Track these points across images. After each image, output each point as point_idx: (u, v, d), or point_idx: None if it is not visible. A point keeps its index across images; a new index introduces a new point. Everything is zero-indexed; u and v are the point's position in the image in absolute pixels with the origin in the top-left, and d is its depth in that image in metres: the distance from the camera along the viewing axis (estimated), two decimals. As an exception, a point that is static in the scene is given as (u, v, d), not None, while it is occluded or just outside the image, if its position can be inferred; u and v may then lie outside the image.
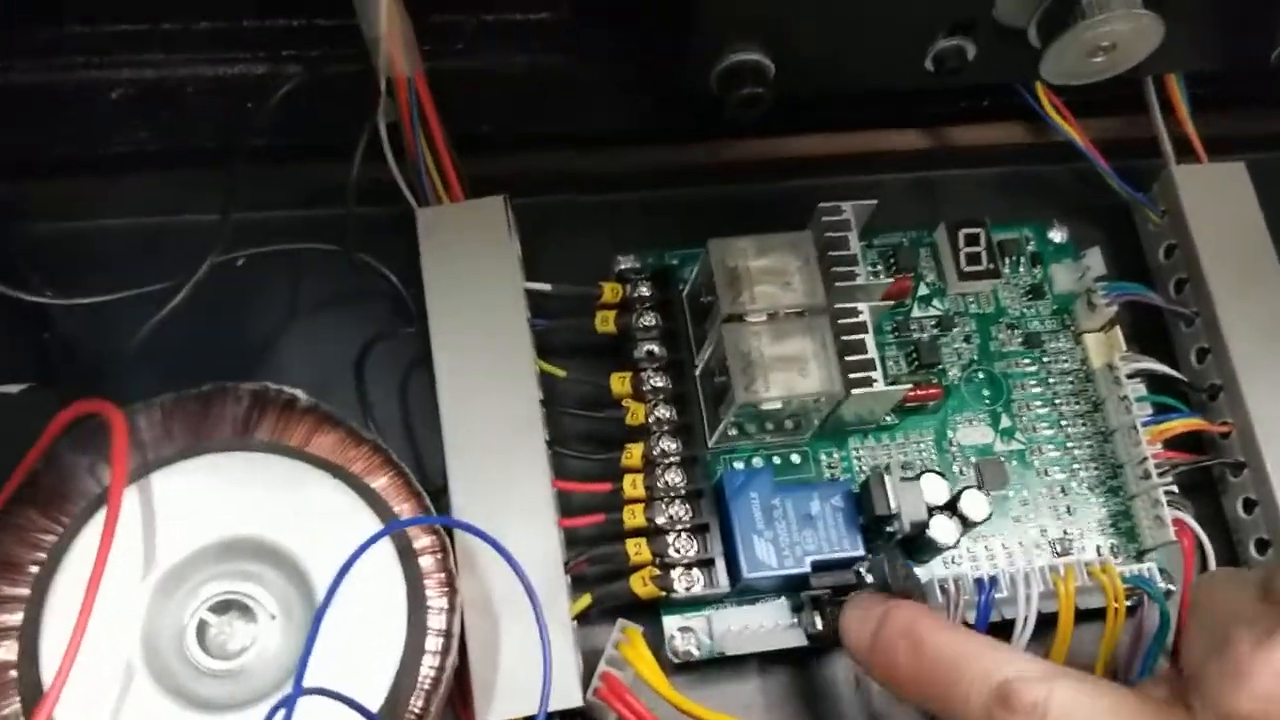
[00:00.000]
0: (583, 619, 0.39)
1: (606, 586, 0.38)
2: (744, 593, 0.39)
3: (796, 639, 0.38)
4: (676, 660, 0.39)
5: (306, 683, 0.30)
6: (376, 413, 0.40)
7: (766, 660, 0.40)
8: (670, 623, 0.39)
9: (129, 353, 0.37)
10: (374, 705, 0.31)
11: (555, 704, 0.35)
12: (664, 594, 0.38)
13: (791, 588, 0.39)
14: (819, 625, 0.38)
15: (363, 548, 0.29)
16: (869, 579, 0.37)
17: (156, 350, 0.38)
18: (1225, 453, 0.43)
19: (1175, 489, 0.41)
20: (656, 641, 0.39)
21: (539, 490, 0.38)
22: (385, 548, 0.32)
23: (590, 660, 0.37)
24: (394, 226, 0.41)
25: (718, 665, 0.39)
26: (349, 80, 0.40)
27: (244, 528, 0.32)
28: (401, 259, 0.41)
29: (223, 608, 0.32)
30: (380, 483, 0.33)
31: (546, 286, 0.41)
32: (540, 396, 0.39)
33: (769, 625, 0.39)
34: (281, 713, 0.26)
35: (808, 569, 0.37)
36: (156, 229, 0.42)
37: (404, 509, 0.33)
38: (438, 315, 0.39)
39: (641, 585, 0.38)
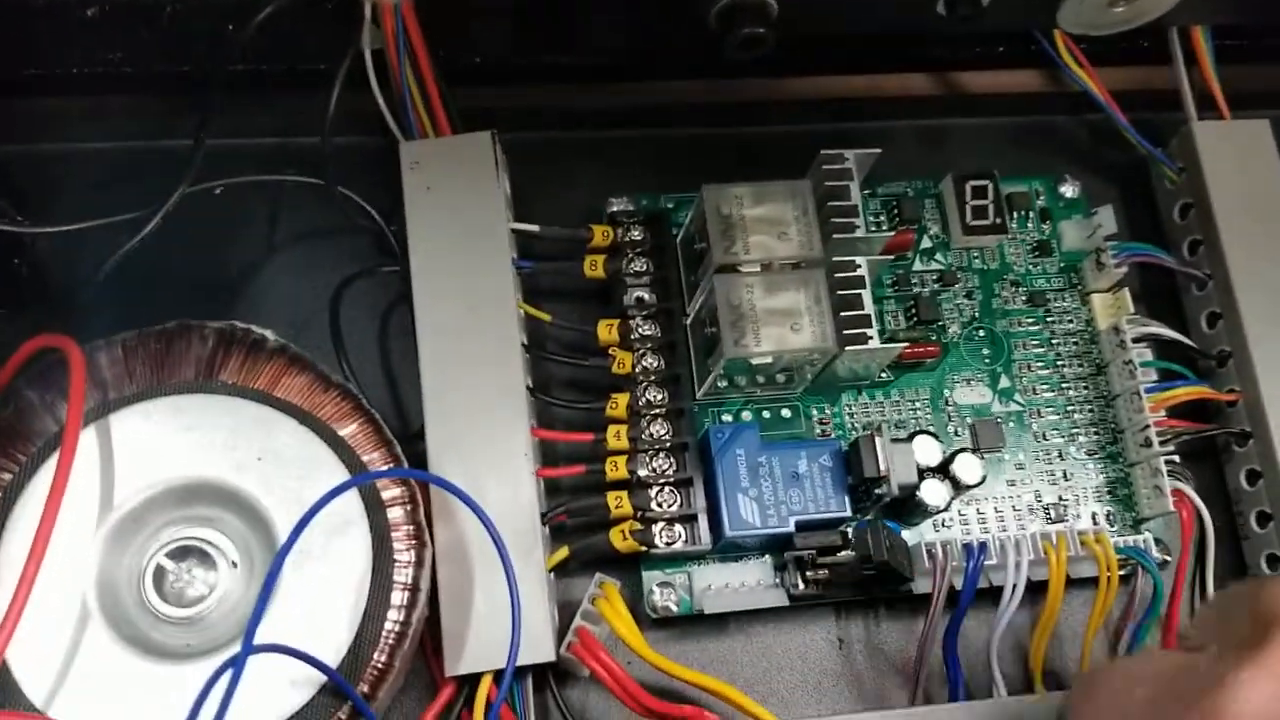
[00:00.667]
0: (561, 571, 0.38)
1: (585, 539, 0.37)
2: (726, 550, 0.38)
3: (778, 599, 0.38)
4: (655, 616, 0.38)
5: (265, 634, 0.30)
6: (353, 354, 0.39)
7: (746, 619, 0.39)
8: (650, 578, 0.38)
9: (99, 282, 0.36)
10: (334, 658, 0.30)
11: (528, 658, 0.34)
12: (644, 549, 0.37)
13: (775, 547, 0.38)
14: (801, 585, 0.37)
15: (324, 500, 0.28)
16: (851, 554, 0.36)
17: (128, 280, 0.37)
18: (1231, 422, 0.41)
19: (1176, 458, 0.40)
20: (635, 596, 0.38)
21: (518, 439, 0.36)
22: (351, 498, 0.31)
23: (567, 614, 0.36)
24: (377, 159, 0.39)
25: (696, 622, 0.39)
26: (333, 5, 0.39)
27: (205, 472, 0.31)
28: (384, 193, 0.39)
29: (181, 554, 0.31)
30: (349, 430, 0.32)
31: (534, 228, 0.40)
32: (523, 341, 0.38)
33: (750, 584, 0.38)
34: (229, 672, 0.25)
35: (792, 529, 0.36)
36: (130, 154, 0.41)
37: (373, 458, 0.32)
38: (420, 254, 0.38)
39: (621, 539, 0.37)
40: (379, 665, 0.31)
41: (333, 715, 0.30)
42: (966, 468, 0.37)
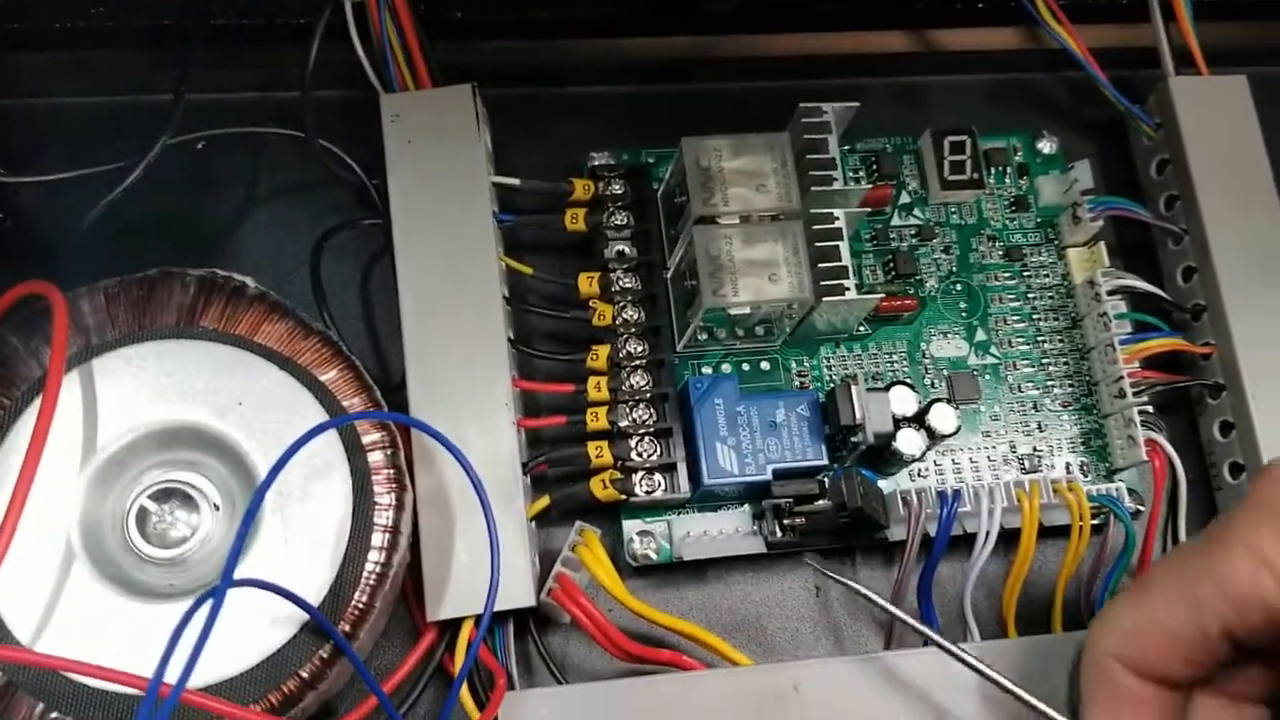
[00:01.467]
0: (543, 521, 0.38)
1: (566, 489, 0.38)
2: (705, 499, 0.38)
3: (756, 546, 0.38)
4: (635, 564, 0.38)
5: (245, 573, 0.30)
6: (335, 305, 0.39)
7: (725, 566, 0.39)
8: (629, 526, 0.38)
9: (82, 233, 0.36)
10: (315, 597, 0.30)
11: (507, 603, 0.35)
12: (624, 498, 0.37)
13: (753, 495, 0.38)
14: (779, 533, 0.38)
15: (304, 438, 0.29)
16: (827, 503, 0.36)
17: (110, 232, 0.37)
18: (1205, 374, 0.42)
19: (1150, 409, 0.40)
20: (615, 545, 0.38)
21: (499, 389, 0.37)
22: (332, 441, 0.32)
23: (549, 562, 0.37)
24: (359, 112, 0.39)
25: (676, 570, 0.39)
26: (314, -43, 0.39)
27: (187, 416, 0.32)
28: (366, 146, 0.39)
29: (164, 496, 0.32)
30: (329, 375, 0.33)
31: (515, 181, 0.40)
32: (505, 294, 0.38)
33: (729, 532, 0.38)
34: (209, 603, 0.26)
35: (769, 476, 0.37)
36: (113, 108, 0.41)
37: (353, 403, 0.33)
38: (401, 206, 0.38)
39: (601, 488, 0.37)
40: (360, 605, 0.31)
41: (314, 654, 0.30)
42: (942, 417, 0.38)
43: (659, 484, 0.37)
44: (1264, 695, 0.29)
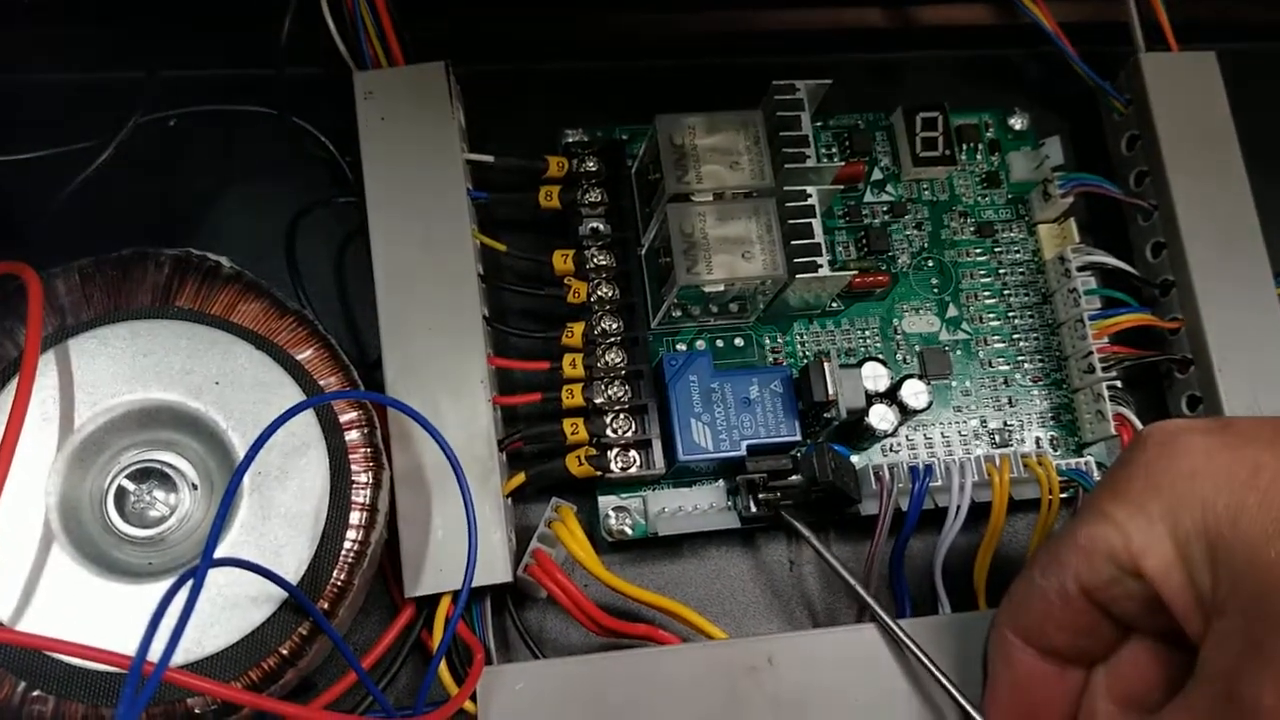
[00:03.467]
0: (520, 498, 0.39)
1: (542, 465, 0.38)
2: (679, 475, 0.39)
3: (730, 521, 0.38)
4: (611, 540, 0.39)
5: (225, 552, 0.30)
6: (310, 284, 0.39)
7: (700, 541, 0.40)
8: (605, 502, 0.39)
9: (55, 212, 0.36)
10: (294, 575, 0.30)
11: (484, 579, 0.35)
12: (599, 474, 0.37)
13: (727, 471, 0.39)
14: (753, 508, 0.38)
15: (282, 418, 0.29)
16: (797, 479, 0.37)
17: (84, 211, 0.37)
18: (1173, 349, 0.42)
19: (1119, 384, 0.41)
20: (591, 521, 0.39)
21: (475, 367, 0.37)
22: (309, 420, 0.32)
23: (525, 538, 0.37)
24: (333, 89, 0.39)
25: (651, 546, 0.39)
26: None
27: (164, 396, 0.32)
28: (340, 124, 0.39)
29: (142, 475, 0.32)
30: (305, 354, 0.33)
31: (489, 158, 0.40)
32: (479, 271, 0.38)
33: (703, 507, 0.39)
34: (190, 583, 0.26)
35: (743, 452, 0.37)
36: (84, 85, 0.40)
37: (330, 382, 0.33)
38: (375, 184, 0.38)
39: (577, 465, 0.37)
40: (338, 583, 0.31)
41: (294, 631, 0.30)
42: (913, 393, 0.38)
43: (634, 460, 0.37)
44: (1157, 680, 0.30)
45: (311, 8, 0.38)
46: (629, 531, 0.38)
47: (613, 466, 0.37)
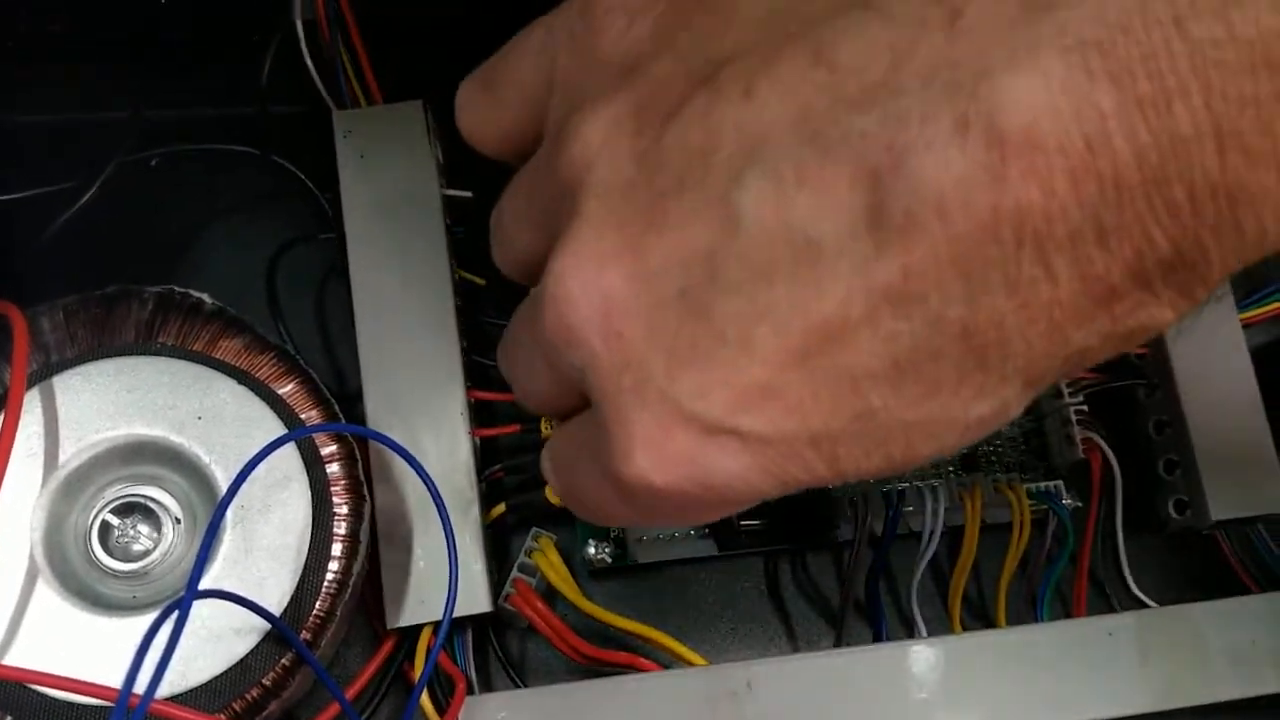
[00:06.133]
0: (501, 529, 0.39)
1: (522, 496, 0.39)
2: (658, 503, 0.39)
3: (708, 549, 0.39)
4: (590, 568, 0.39)
5: (207, 585, 0.31)
6: (291, 320, 0.40)
7: (679, 570, 0.40)
8: (584, 531, 0.39)
9: (37, 251, 0.37)
10: (276, 607, 0.31)
11: (466, 609, 0.35)
12: (578, 503, 0.38)
13: (705, 500, 0.39)
14: (731, 535, 0.39)
15: (264, 452, 0.29)
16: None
17: (66, 251, 0.38)
18: (1139, 375, 0.43)
19: (1085, 408, 0.41)
20: (571, 550, 0.39)
21: (454, 400, 0.38)
22: (290, 454, 0.32)
23: (506, 568, 0.38)
24: (313, 128, 0.40)
25: (631, 573, 0.40)
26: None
27: (147, 431, 0.32)
28: (320, 161, 0.40)
29: (126, 510, 0.32)
30: (287, 389, 0.33)
31: (468, 194, 0.40)
32: (458, 305, 0.39)
33: (681, 535, 0.39)
34: (174, 615, 0.26)
35: (721, 481, 0.38)
36: (66, 126, 0.41)
37: (311, 415, 0.33)
38: (354, 221, 0.39)
39: (556, 495, 0.38)
40: (321, 614, 0.32)
41: (277, 662, 0.31)
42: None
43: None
44: None
45: (291, 49, 0.39)
46: (608, 560, 0.39)
47: (592, 497, 0.38)
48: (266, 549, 0.31)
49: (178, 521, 0.32)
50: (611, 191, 0.22)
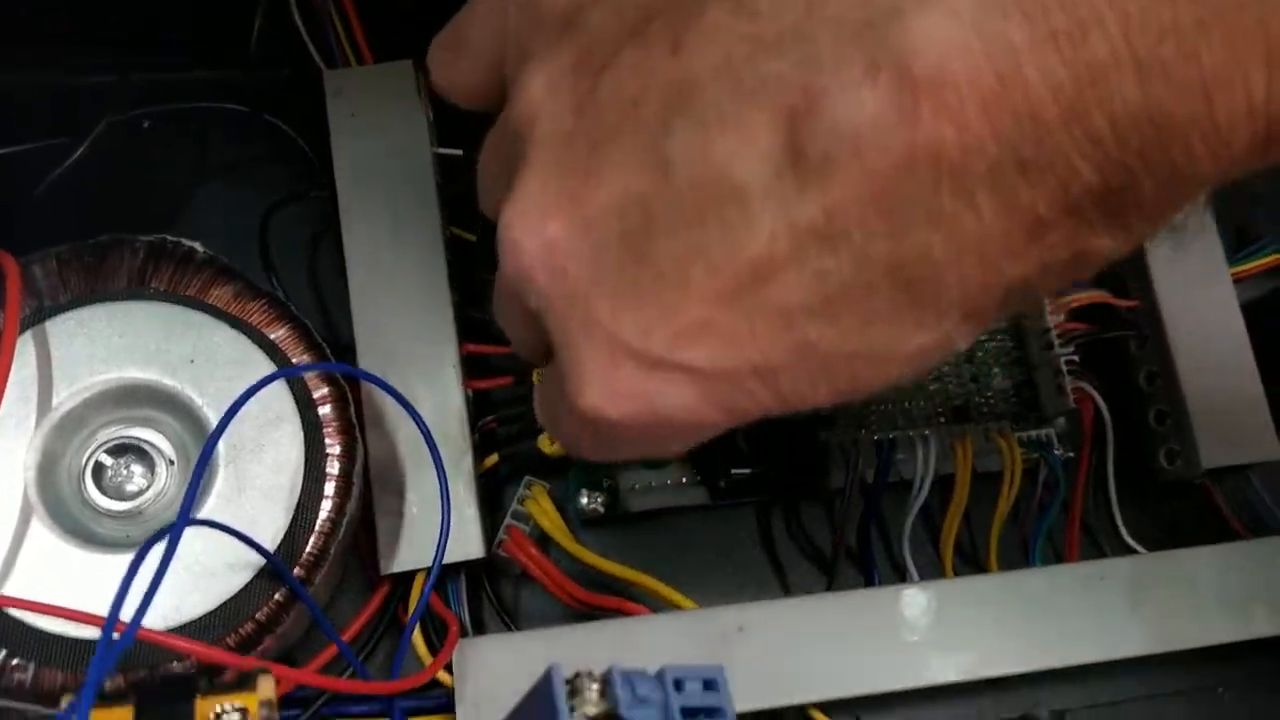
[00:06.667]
0: (495, 480, 0.39)
1: (515, 447, 0.39)
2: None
3: (700, 497, 0.39)
4: (583, 517, 0.39)
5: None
6: (284, 277, 0.40)
7: (672, 519, 0.40)
8: (577, 481, 0.39)
9: (29, 207, 0.37)
10: (269, 545, 0.31)
11: (459, 555, 0.36)
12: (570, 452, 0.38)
13: (697, 448, 0.39)
14: (723, 484, 0.39)
15: (257, 386, 0.30)
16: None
17: (58, 210, 0.38)
18: (1130, 328, 0.43)
19: (1076, 359, 0.42)
20: (564, 501, 0.39)
21: (446, 351, 0.38)
22: (283, 395, 0.33)
23: (500, 519, 0.38)
24: (304, 87, 0.40)
25: (624, 524, 0.40)
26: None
27: (140, 374, 0.32)
28: (311, 123, 0.40)
29: (119, 451, 0.33)
30: (279, 334, 0.34)
31: (458, 152, 0.41)
32: (449, 260, 0.39)
33: (674, 483, 0.40)
34: (165, 540, 0.27)
35: (711, 429, 0.38)
36: (55, 89, 0.41)
37: (303, 359, 0.34)
38: (346, 178, 0.39)
39: (548, 444, 0.38)
40: (314, 552, 0.32)
41: (270, 598, 0.31)
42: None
43: (605, 439, 0.38)
44: None
45: (281, 11, 0.39)
46: (601, 509, 0.39)
47: (584, 446, 0.38)
48: (259, 488, 0.32)
49: (171, 463, 0.33)
50: (554, 142, 0.23)
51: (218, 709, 0.23)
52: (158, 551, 0.28)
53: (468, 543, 0.36)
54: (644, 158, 0.22)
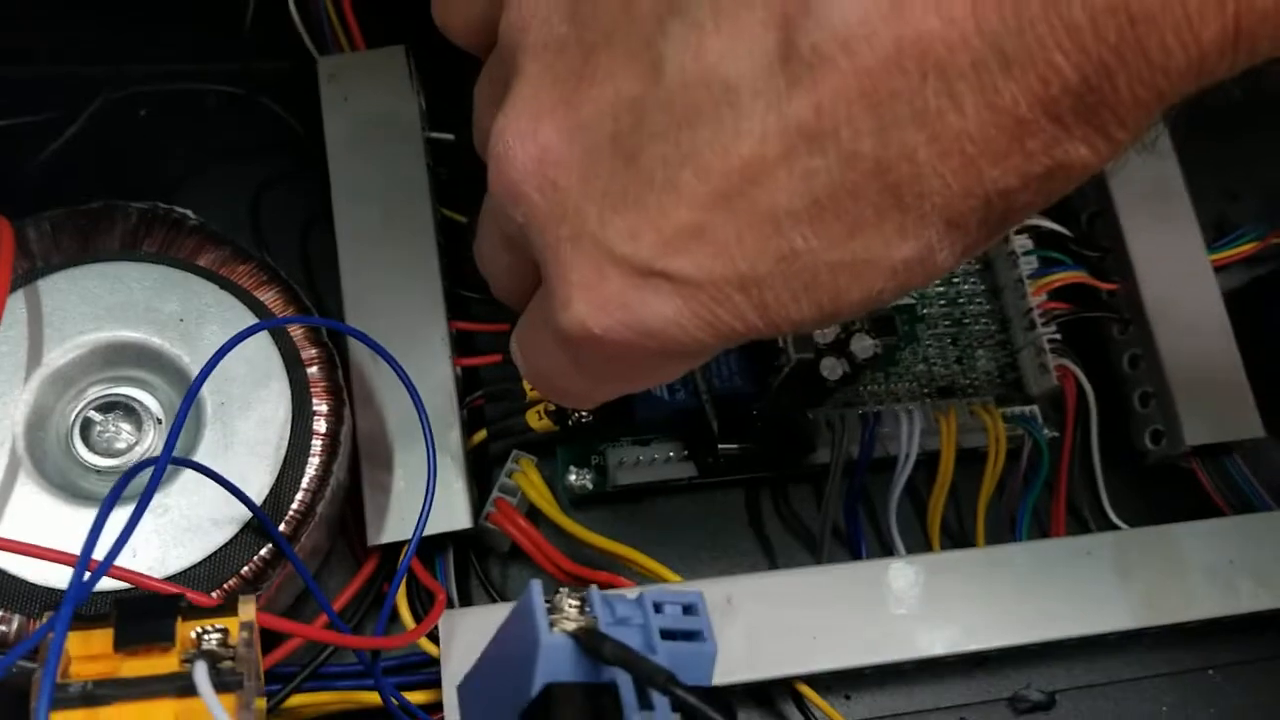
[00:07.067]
0: (483, 457, 0.40)
1: (503, 423, 0.39)
2: (638, 429, 0.40)
3: (689, 470, 0.39)
4: (571, 493, 0.39)
5: (187, 478, 0.31)
6: (276, 258, 0.40)
7: (660, 493, 0.41)
8: (565, 458, 0.40)
9: (24, 183, 0.38)
10: (255, 500, 0.31)
11: (446, 525, 0.36)
12: (558, 428, 0.38)
13: (685, 424, 0.40)
14: (711, 460, 0.39)
15: (243, 334, 0.30)
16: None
17: (52, 187, 0.38)
18: (1113, 310, 0.44)
19: (1058, 336, 0.42)
20: (553, 476, 0.40)
21: (436, 329, 0.38)
22: (270, 353, 0.33)
23: (488, 494, 0.38)
24: (297, 72, 0.41)
25: (612, 498, 0.40)
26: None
27: (130, 333, 0.33)
28: (304, 105, 0.41)
29: (107, 408, 0.33)
30: (268, 295, 0.34)
31: (449, 136, 0.42)
32: (440, 242, 0.40)
33: (662, 459, 0.40)
34: (149, 470, 0.27)
35: (701, 405, 0.38)
36: (53, 69, 0.42)
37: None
38: (338, 160, 0.40)
39: (537, 419, 0.38)
40: (300, 510, 0.32)
41: (256, 554, 0.31)
42: (861, 345, 0.39)
43: (593, 414, 0.39)
44: None
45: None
46: (589, 485, 0.39)
47: (571, 420, 0.38)
48: (246, 443, 0.32)
49: (158, 421, 0.33)
50: (547, 49, 0.23)
51: (198, 629, 0.23)
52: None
53: (455, 513, 0.36)
54: (637, 59, 0.22)
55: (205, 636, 0.23)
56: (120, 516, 0.28)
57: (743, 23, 0.21)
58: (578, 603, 0.23)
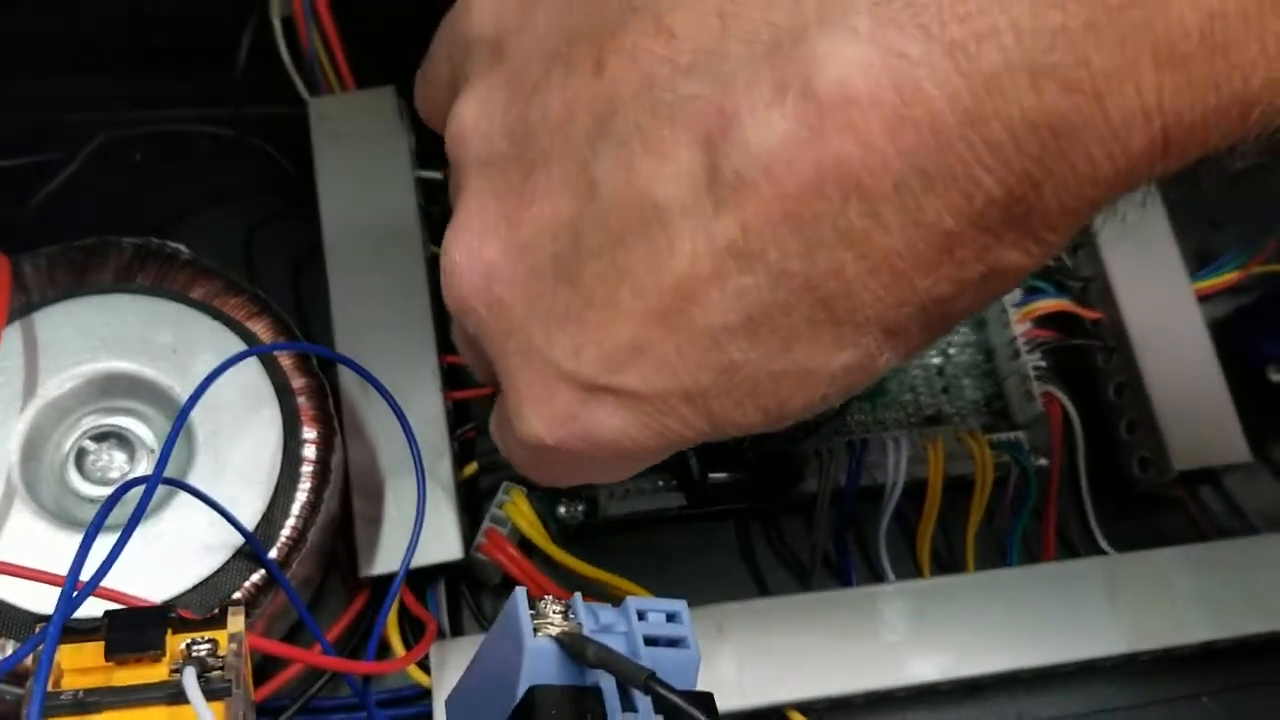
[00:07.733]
0: (474, 490, 0.40)
1: (494, 456, 0.39)
2: (627, 461, 0.40)
3: (678, 500, 0.40)
4: (562, 525, 0.40)
5: (179, 505, 0.32)
6: (268, 295, 0.41)
7: (650, 526, 0.41)
8: (554, 491, 0.40)
9: (20, 223, 0.38)
10: (247, 524, 0.32)
11: (436, 556, 0.36)
12: (548, 460, 0.39)
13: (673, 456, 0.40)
14: (701, 492, 0.39)
15: (233, 360, 0.30)
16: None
17: (48, 227, 0.39)
18: (1097, 338, 0.44)
19: (1043, 364, 0.42)
20: (545, 514, 0.40)
21: (427, 364, 0.39)
22: (261, 381, 0.33)
23: (479, 527, 0.38)
24: (289, 114, 0.42)
25: (604, 534, 0.40)
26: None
27: (123, 363, 0.33)
28: (296, 146, 0.42)
29: (102, 437, 0.33)
30: (259, 326, 0.34)
31: (439, 175, 0.42)
32: (430, 278, 0.40)
33: (651, 489, 0.40)
34: (138, 489, 0.27)
35: (688, 435, 0.39)
36: (49, 113, 0.43)
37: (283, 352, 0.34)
38: (329, 199, 0.40)
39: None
40: (291, 536, 0.32)
41: (247, 579, 0.31)
42: (847, 374, 0.40)
43: (582, 446, 0.39)
44: None
45: (267, 39, 0.41)
46: (580, 516, 0.40)
47: (561, 451, 0.39)
48: (237, 470, 0.32)
49: (151, 451, 0.33)
50: (488, 166, 0.24)
51: (188, 641, 0.24)
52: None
53: (446, 543, 0.36)
54: (572, 180, 0.22)
55: (195, 647, 0.24)
56: (112, 541, 0.28)
57: (669, 144, 0.21)
58: (562, 609, 0.24)
